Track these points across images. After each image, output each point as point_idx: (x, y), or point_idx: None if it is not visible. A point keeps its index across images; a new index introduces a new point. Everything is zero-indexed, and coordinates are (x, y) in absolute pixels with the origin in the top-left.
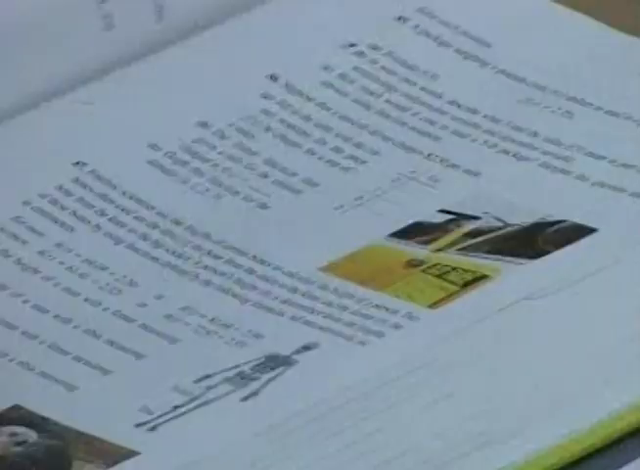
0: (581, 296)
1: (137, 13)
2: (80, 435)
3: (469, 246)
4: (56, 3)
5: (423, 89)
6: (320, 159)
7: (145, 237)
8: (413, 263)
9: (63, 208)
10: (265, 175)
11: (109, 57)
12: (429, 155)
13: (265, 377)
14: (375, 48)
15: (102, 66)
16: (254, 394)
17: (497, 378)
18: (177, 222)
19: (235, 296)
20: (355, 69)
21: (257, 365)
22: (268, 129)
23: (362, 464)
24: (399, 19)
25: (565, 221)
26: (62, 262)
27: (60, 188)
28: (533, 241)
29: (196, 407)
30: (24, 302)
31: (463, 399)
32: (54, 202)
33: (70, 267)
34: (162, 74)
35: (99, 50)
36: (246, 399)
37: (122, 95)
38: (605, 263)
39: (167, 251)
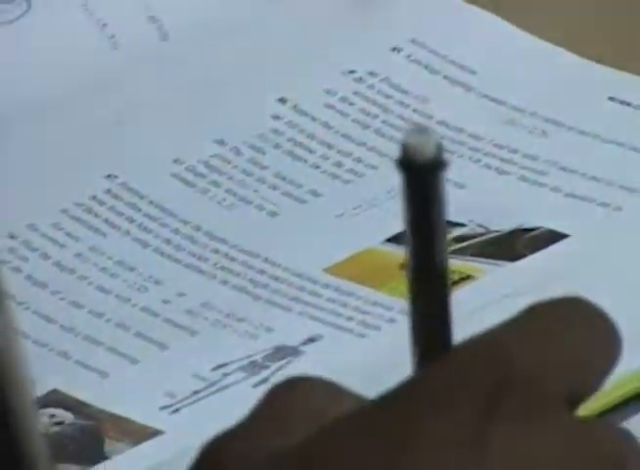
0: (555, 294)
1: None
2: (111, 416)
3: (456, 250)
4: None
5: (415, 111)
6: (323, 172)
7: (168, 241)
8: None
9: (96, 215)
10: (275, 187)
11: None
12: None
13: (275, 366)
14: (372, 74)
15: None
16: (265, 380)
17: None
18: (197, 228)
19: (248, 293)
20: (355, 93)
21: (268, 355)
22: (277, 146)
23: None
24: (394, 49)
25: (540, 228)
26: (95, 264)
27: (93, 198)
28: (512, 245)
29: (213, 392)
30: (62, 299)
31: None
32: (88, 210)
33: (103, 268)
34: (183, 97)
35: (107, 67)
36: (257, 385)
37: (148, 116)
38: (576, 265)
39: (188, 253)
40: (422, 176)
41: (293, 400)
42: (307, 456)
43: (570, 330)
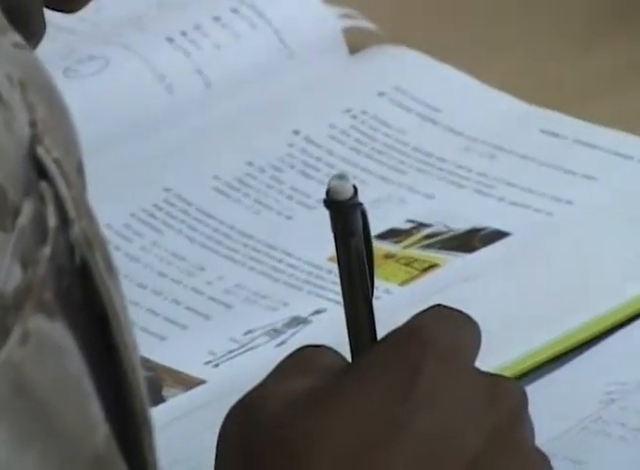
0: (500, 279)
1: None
2: (168, 369)
3: (426, 244)
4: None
5: (396, 140)
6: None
7: (210, 238)
8: (389, 256)
9: (156, 218)
10: (290, 197)
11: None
12: (399, 184)
13: (290, 331)
14: (364, 112)
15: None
16: (283, 342)
17: None
18: (231, 228)
19: (270, 277)
20: (351, 126)
21: (285, 323)
22: (292, 166)
23: None
24: (380, 93)
25: (489, 228)
26: (155, 254)
27: (155, 205)
28: (468, 241)
29: (244, 352)
30: (130, 281)
31: None
32: (151, 214)
33: (161, 258)
34: (221, 130)
35: (165, 107)
36: (277, 346)
37: (195, 144)
38: (516, 257)
39: (225, 247)
40: (341, 212)
41: (308, 358)
42: (300, 407)
43: (460, 319)
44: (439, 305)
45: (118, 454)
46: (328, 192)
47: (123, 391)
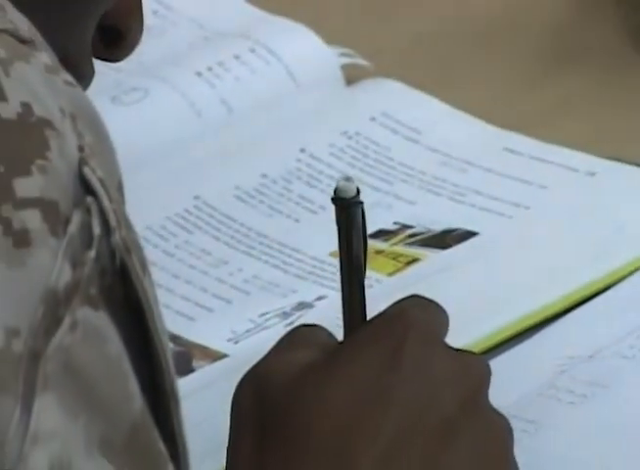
0: (470, 270)
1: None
2: (196, 345)
3: (409, 242)
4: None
5: (384, 156)
6: (327, 194)
7: (232, 237)
8: (378, 252)
9: (187, 221)
10: (298, 204)
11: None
12: (387, 193)
13: (297, 314)
14: (358, 134)
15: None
16: (292, 323)
17: None
18: (249, 229)
19: (281, 268)
20: (347, 146)
21: (293, 307)
22: (299, 178)
23: None
24: (372, 118)
25: (460, 229)
26: (186, 250)
27: (186, 210)
28: (443, 240)
29: (259, 331)
30: (166, 272)
31: None
32: (183, 217)
33: (191, 253)
34: (241, 148)
35: (193, 129)
36: (287, 325)
37: (219, 159)
38: (482, 252)
39: (244, 244)
40: (345, 208)
41: (303, 335)
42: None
43: (433, 307)
44: (416, 295)
45: (151, 422)
46: (336, 190)
47: (155, 369)
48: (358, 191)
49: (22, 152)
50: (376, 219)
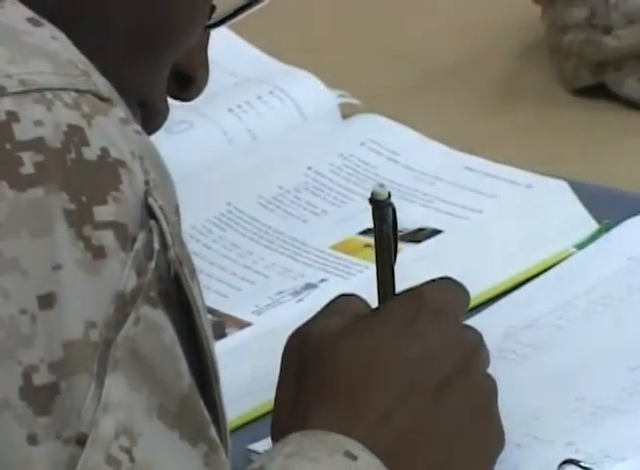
0: (437, 261)
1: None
2: (228, 316)
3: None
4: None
5: (371, 173)
6: (328, 202)
7: (255, 234)
8: (368, 245)
9: (221, 221)
10: (305, 208)
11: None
12: None
13: (305, 292)
14: (351, 156)
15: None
16: (301, 300)
17: None
18: (269, 227)
19: (292, 258)
20: (344, 165)
21: (302, 287)
22: (307, 189)
23: None
24: (362, 143)
25: (429, 228)
26: (221, 244)
27: (220, 213)
28: (416, 236)
29: (277, 305)
30: (205, 261)
31: None
32: (218, 219)
33: (224, 246)
34: (262, 167)
35: (225, 153)
36: (298, 301)
37: (246, 176)
38: (445, 247)
39: (265, 239)
40: (379, 208)
41: (342, 304)
42: (337, 339)
43: (452, 287)
44: (445, 277)
45: (198, 395)
46: (372, 194)
47: (200, 354)
48: (389, 195)
49: (100, 185)
50: (365, 221)
